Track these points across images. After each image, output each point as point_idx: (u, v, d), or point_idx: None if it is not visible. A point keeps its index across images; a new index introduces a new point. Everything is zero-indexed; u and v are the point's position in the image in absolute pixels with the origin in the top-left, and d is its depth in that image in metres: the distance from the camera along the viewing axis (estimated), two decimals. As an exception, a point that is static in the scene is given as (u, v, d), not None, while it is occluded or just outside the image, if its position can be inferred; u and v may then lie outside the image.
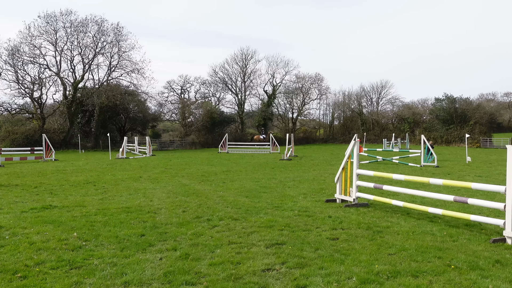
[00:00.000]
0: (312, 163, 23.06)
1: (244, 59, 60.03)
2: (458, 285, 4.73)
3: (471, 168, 20.14)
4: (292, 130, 59.00)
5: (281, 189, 12.52)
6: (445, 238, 6.78)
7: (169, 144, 49.04)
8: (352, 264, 5.40)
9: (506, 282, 4.79)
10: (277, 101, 62.36)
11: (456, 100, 56.53)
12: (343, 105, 65.88)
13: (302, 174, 17.09)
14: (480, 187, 7.19)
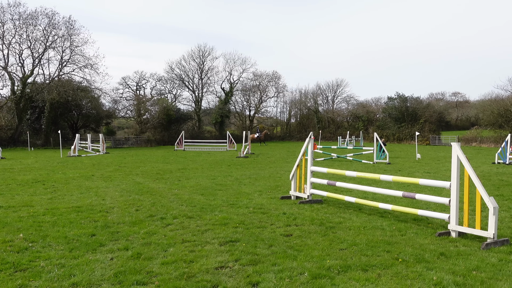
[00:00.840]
0: (268, 161, 23.21)
1: (202, 56, 59.63)
2: (405, 277, 4.90)
3: (421, 165, 20.88)
4: (249, 127, 59.18)
5: (237, 186, 12.53)
6: (394, 233, 7.00)
7: (124, 141, 48.01)
8: (305, 260, 5.49)
9: (449, 273, 5.01)
10: (235, 99, 62.39)
11: (407, 99, 58.43)
12: (299, 103, 66.69)
13: (258, 171, 17.17)
14: (427, 183, 7.46)
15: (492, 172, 17.70)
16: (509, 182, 13.99)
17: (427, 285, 4.66)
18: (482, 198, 6.35)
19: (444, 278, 4.84)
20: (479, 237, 6.58)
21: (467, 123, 69.84)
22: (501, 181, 14.17)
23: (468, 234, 6.75)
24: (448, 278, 4.82)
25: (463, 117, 76.71)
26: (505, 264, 5.39)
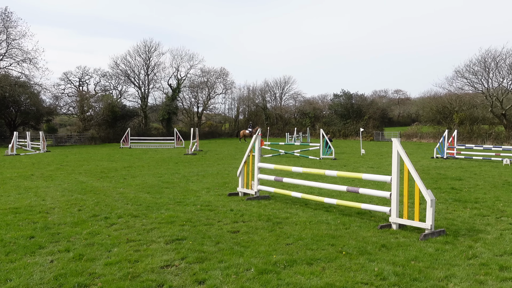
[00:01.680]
0: (216, 157, 23.14)
1: (148, 52, 58.43)
2: (348, 269, 5.03)
3: (365, 160, 21.54)
4: (198, 124, 58.73)
5: (184, 184, 12.40)
6: (339, 226, 7.18)
7: (66, 139, 46.25)
8: (251, 256, 5.51)
9: (389, 264, 5.20)
10: (182, 95, 61.67)
11: (352, 96, 60.13)
12: (248, 100, 66.92)
13: (206, 168, 17.08)
14: (369, 177, 7.70)
15: (431, 166, 18.55)
16: (446, 175, 14.72)
17: (369, 276, 4.81)
18: (421, 191, 6.64)
19: (385, 269, 5.01)
20: (418, 228, 6.87)
21: (408, 119, 72.80)
22: (439, 175, 14.88)
23: (408, 226, 7.03)
24: (388, 269, 5.00)
25: (404, 114, 79.87)
26: (441, 253, 5.66)
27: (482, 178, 13.96)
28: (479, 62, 47.63)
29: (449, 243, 6.15)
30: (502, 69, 46.97)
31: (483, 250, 5.83)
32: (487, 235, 6.67)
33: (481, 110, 49.92)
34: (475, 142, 42.20)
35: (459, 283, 4.62)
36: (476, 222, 7.60)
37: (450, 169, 16.98)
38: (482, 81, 48.25)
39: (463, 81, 49.65)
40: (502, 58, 46.51)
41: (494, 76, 47.58)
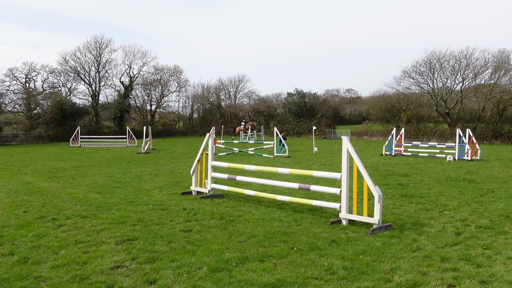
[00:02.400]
0: (170, 156, 22.87)
1: (99, 48, 56.77)
2: (299, 265, 5.13)
3: (317, 158, 21.95)
4: (151, 122, 57.78)
5: (136, 183, 12.19)
6: (291, 223, 7.30)
7: (12, 138, 44.25)
8: (204, 254, 5.51)
9: (339, 258, 5.35)
10: (135, 93, 60.40)
11: (305, 95, 61.04)
12: (202, 98, 66.51)
13: (159, 167, 16.85)
14: (320, 175, 7.87)
15: (380, 163, 19.16)
16: (394, 172, 15.25)
17: (319, 271, 4.93)
18: (369, 187, 6.86)
19: (334, 263, 5.15)
20: (367, 223, 7.10)
21: (359, 117, 74.63)
22: (387, 171, 15.39)
23: (357, 221, 7.25)
24: (337, 263, 5.14)
25: (356, 112, 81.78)
26: (387, 247, 5.88)
27: (427, 174, 14.57)
28: (425, 63, 49.61)
29: (396, 237, 6.40)
30: (446, 70, 49.13)
31: (426, 243, 6.10)
32: (430, 228, 6.98)
33: (427, 109, 52.01)
34: (421, 140, 43.93)
35: (403, 275, 4.82)
36: (421, 216, 7.93)
37: (398, 166, 17.60)
38: (428, 81, 50.27)
39: (410, 81, 51.58)
40: (446, 60, 48.66)
41: (438, 77, 49.71)
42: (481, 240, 6.31)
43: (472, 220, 7.61)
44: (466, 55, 47.84)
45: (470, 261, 5.32)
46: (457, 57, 48.12)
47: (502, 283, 4.60)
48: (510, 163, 19.84)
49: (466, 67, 47.97)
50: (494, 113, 47.26)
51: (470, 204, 9.16)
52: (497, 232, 6.78)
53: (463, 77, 48.53)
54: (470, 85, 48.95)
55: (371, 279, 4.67)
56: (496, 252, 5.70)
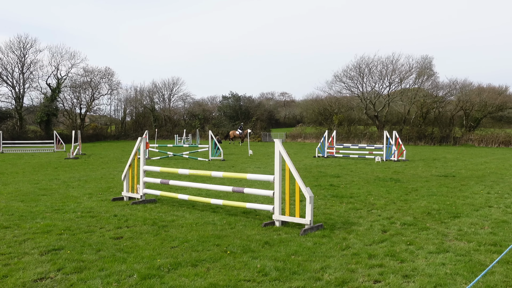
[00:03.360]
0: (101, 161, 22.09)
1: (23, 48, 53.79)
2: (232, 268, 5.13)
3: (252, 160, 22.13)
4: (80, 126, 55.53)
5: (64, 190, 11.64)
6: (225, 226, 7.29)
7: None
8: (134, 262, 5.36)
9: (271, 260, 5.41)
10: (63, 96, 57.82)
11: (241, 98, 61.45)
12: (135, 101, 64.93)
13: (89, 173, 16.22)
14: (253, 177, 7.93)
15: (313, 164, 19.66)
16: (326, 173, 15.70)
17: (251, 273, 4.96)
18: (301, 189, 7.01)
19: (267, 264, 5.21)
20: (299, 224, 7.24)
21: (293, 120, 76.20)
22: (320, 173, 15.82)
23: (290, 223, 7.38)
24: (270, 265, 5.20)
25: (290, 115, 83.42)
26: (318, 246, 6.03)
27: (357, 175, 15.14)
28: (355, 67, 51.64)
29: (326, 236, 6.58)
30: (374, 74, 51.43)
31: (355, 241, 6.33)
32: (359, 227, 7.25)
33: (357, 112, 54.13)
34: (352, 142, 45.62)
35: (333, 273, 4.96)
36: (351, 215, 8.22)
37: (330, 167, 18.15)
38: (358, 85, 52.36)
39: (341, 85, 53.47)
40: (374, 65, 50.94)
41: (367, 81, 51.94)
42: (405, 236, 6.64)
43: (398, 217, 8.00)
44: (393, 60, 50.38)
45: (394, 256, 5.58)
46: (384, 63, 50.56)
47: (423, 276, 4.86)
48: (433, 163, 21.09)
49: (393, 72, 50.52)
50: (418, 115, 50.09)
51: (396, 202, 9.62)
52: (419, 228, 7.17)
53: (390, 82, 51.03)
54: (397, 89, 51.58)
55: (302, 279, 4.76)
56: (418, 247, 6.02)
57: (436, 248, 5.97)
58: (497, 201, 9.79)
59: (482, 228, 7.19)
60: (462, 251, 5.85)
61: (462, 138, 46.74)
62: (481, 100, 48.15)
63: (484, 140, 45.05)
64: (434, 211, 8.60)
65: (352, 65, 52.50)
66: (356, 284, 4.62)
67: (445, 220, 7.77)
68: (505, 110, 50.45)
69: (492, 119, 52.11)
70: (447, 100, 50.86)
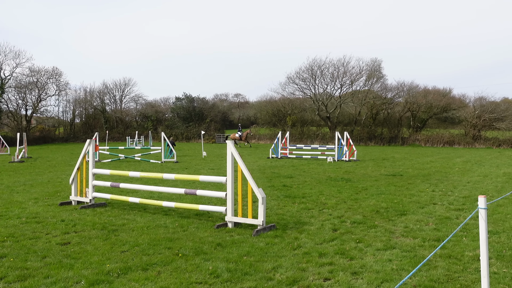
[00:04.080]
0: (48, 165, 21.28)
1: (-39, 46, 50.96)
2: (184, 271, 5.09)
3: (206, 162, 22.01)
4: (26, 128, 53.27)
5: (7, 195, 11.13)
6: (177, 229, 7.21)
7: None
8: (82, 267, 5.21)
9: (223, 261, 5.40)
10: (7, 97, 55.17)
11: (194, 100, 60.99)
12: (85, 102, 63.01)
13: (35, 177, 15.59)
14: (206, 179, 7.90)
15: (267, 165, 19.79)
16: (279, 174, 15.85)
17: (203, 275, 4.93)
18: (253, 190, 7.04)
19: (219, 266, 5.20)
20: (252, 225, 7.27)
21: (248, 122, 76.35)
22: (273, 174, 15.95)
23: (243, 224, 7.40)
24: (222, 266, 5.19)
25: (244, 117, 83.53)
26: (270, 246, 6.09)
27: (309, 175, 15.39)
28: (307, 69, 52.46)
29: (278, 236, 6.65)
30: (326, 76, 52.45)
31: (306, 240, 6.43)
32: (310, 226, 7.37)
33: (310, 113, 55.00)
34: (305, 143, 46.34)
35: (284, 272, 5.02)
36: (303, 215, 8.34)
37: (283, 168, 18.34)
38: (310, 87, 53.21)
39: (294, 87, 54.17)
40: (326, 67, 51.96)
41: (320, 83, 52.90)
42: (354, 234, 6.82)
43: (348, 216, 8.19)
44: (344, 63, 51.58)
45: (344, 254, 5.71)
46: (335, 65, 51.66)
47: (371, 272, 5.01)
48: (382, 162, 21.76)
49: (344, 74, 51.71)
50: (368, 117, 51.54)
51: (347, 201, 9.85)
52: (368, 226, 7.38)
53: (341, 84, 52.21)
54: (348, 91, 52.84)
55: (253, 279, 4.79)
56: (367, 244, 6.20)
57: (384, 245, 6.16)
58: (441, 199, 10.24)
59: (427, 225, 7.50)
60: (408, 247, 6.07)
61: (410, 138, 48.49)
62: (427, 101, 50.17)
63: (430, 140, 46.96)
64: (382, 209, 8.88)
65: (305, 67, 53.33)
66: (307, 283, 4.70)
67: (393, 218, 8.04)
68: (449, 112, 52.74)
69: (437, 120, 54.40)
70: (396, 102, 52.65)
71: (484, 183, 13.28)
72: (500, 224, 7.53)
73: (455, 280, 4.79)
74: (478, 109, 47.79)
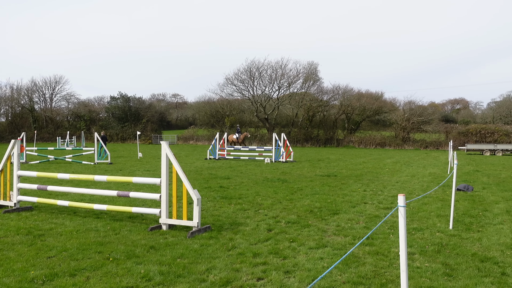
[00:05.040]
0: (-31, 166, 19.87)
1: None
2: (114, 275, 4.93)
3: (142, 163, 21.52)
4: None
5: None
6: (108, 233, 6.98)
7: None
8: (4, 275, 4.90)
9: (156, 264, 5.30)
10: None
11: (130, 99, 59.42)
12: (11, 100, 59.54)
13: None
14: (140, 180, 7.72)
15: (204, 167, 19.68)
16: (216, 175, 15.81)
17: (135, 279, 4.81)
18: (188, 191, 6.97)
19: (151, 269, 5.09)
20: (187, 227, 7.19)
21: (186, 122, 75.65)
22: (210, 175, 15.88)
23: (178, 226, 7.30)
24: (154, 269, 5.09)
25: (182, 117, 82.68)
26: (205, 248, 6.05)
27: (246, 176, 15.47)
28: (246, 71, 52.81)
29: (213, 238, 6.62)
30: (264, 78, 53.07)
31: (241, 241, 6.45)
32: (246, 227, 7.41)
33: (248, 114, 55.40)
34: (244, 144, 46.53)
35: (218, 273, 5.00)
36: (238, 216, 8.36)
37: (221, 169, 18.31)
38: (249, 88, 53.58)
39: (233, 88, 54.34)
40: (264, 69, 52.58)
41: (258, 85, 53.41)
42: (288, 234, 6.93)
43: (283, 216, 8.32)
44: (282, 65, 52.44)
45: (278, 254, 5.79)
46: (273, 67, 52.41)
47: (303, 271, 5.11)
48: (317, 163, 22.33)
49: (282, 76, 52.56)
50: (305, 118, 52.71)
51: (282, 202, 10.00)
52: (302, 225, 7.53)
53: (279, 86, 53.04)
54: (285, 93, 53.78)
55: (186, 281, 4.73)
56: (300, 244, 6.32)
57: (316, 243, 6.32)
58: (372, 198, 10.66)
59: (358, 223, 7.78)
60: (339, 245, 6.26)
61: (344, 140, 50.16)
62: (360, 104, 52.14)
63: (363, 141, 48.82)
64: (316, 209, 9.10)
65: (243, 68, 53.67)
66: (240, 283, 4.71)
67: (326, 217, 8.26)
68: (381, 114, 55.15)
69: (370, 122, 56.73)
70: (331, 104, 54.29)
71: (411, 183, 14.00)
72: (424, 221, 7.96)
73: (381, 275, 5.00)
74: (407, 112, 50.33)
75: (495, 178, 15.79)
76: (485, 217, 8.47)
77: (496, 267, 5.36)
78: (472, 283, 4.78)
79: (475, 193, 11.64)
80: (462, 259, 5.64)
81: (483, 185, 13.59)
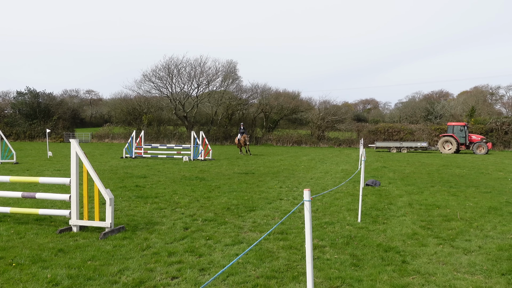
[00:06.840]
0: None
1: None
2: (18, 281, 4.64)
3: (52, 163, 20.35)
4: None
5: None
6: (12, 237, 6.53)
7: None
8: None
9: (64, 268, 5.05)
10: None
11: (39, 95, 55.90)
12: None
13: None
14: (47, 181, 7.31)
15: (120, 165, 19.06)
16: (132, 174, 15.38)
17: (40, 284, 4.56)
18: (100, 191, 6.72)
19: (59, 273, 4.85)
20: (99, 228, 6.93)
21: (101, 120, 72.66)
22: (126, 174, 15.42)
23: (89, 227, 7.01)
24: (62, 273, 4.85)
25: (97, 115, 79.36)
26: (118, 249, 5.87)
27: (164, 175, 15.22)
28: (164, 68, 51.88)
29: (127, 238, 6.45)
30: (183, 76, 52.47)
31: (156, 241, 6.35)
32: (162, 226, 7.30)
33: (167, 112, 54.48)
34: (162, 142, 45.76)
35: (131, 274, 4.89)
36: (154, 215, 8.22)
37: (137, 168, 17.85)
38: (167, 85, 52.69)
39: (151, 85, 53.13)
40: (183, 66, 51.98)
41: (177, 82, 52.68)
42: (205, 232, 6.94)
43: (200, 214, 8.30)
44: (201, 63, 52.17)
45: (194, 252, 5.78)
46: (192, 65, 51.99)
47: (218, 267, 5.15)
48: (236, 161, 22.52)
49: (201, 74, 52.30)
50: (224, 117, 52.91)
51: (200, 200, 9.97)
52: (219, 223, 7.57)
53: (198, 84, 52.73)
54: (205, 91, 53.60)
55: (97, 284, 4.57)
56: (216, 241, 6.35)
57: (232, 240, 6.39)
58: (287, 194, 10.97)
59: (273, 219, 7.97)
60: (254, 241, 6.38)
61: (263, 138, 51.06)
62: (278, 103, 53.37)
63: (281, 139, 50.02)
64: (233, 206, 9.19)
65: (161, 65, 52.69)
66: (154, 283, 4.64)
67: (242, 214, 8.37)
68: (298, 113, 56.81)
69: (287, 121, 58.26)
70: (250, 103, 54.99)
71: (325, 179, 14.60)
72: (336, 215, 8.35)
73: (293, 268, 5.18)
74: (322, 111, 52.34)
75: (400, 174, 16.94)
76: (390, 210, 9.07)
77: (398, 256, 5.77)
78: (376, 271, 5.11)
79: (382, 188, 12.42)
80: (368, 250, 6.00)
81: (389, 180, 14.52)
